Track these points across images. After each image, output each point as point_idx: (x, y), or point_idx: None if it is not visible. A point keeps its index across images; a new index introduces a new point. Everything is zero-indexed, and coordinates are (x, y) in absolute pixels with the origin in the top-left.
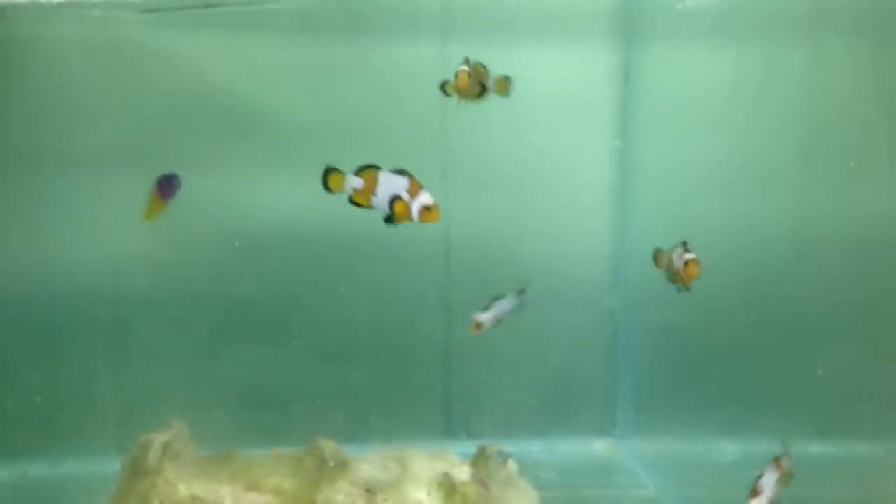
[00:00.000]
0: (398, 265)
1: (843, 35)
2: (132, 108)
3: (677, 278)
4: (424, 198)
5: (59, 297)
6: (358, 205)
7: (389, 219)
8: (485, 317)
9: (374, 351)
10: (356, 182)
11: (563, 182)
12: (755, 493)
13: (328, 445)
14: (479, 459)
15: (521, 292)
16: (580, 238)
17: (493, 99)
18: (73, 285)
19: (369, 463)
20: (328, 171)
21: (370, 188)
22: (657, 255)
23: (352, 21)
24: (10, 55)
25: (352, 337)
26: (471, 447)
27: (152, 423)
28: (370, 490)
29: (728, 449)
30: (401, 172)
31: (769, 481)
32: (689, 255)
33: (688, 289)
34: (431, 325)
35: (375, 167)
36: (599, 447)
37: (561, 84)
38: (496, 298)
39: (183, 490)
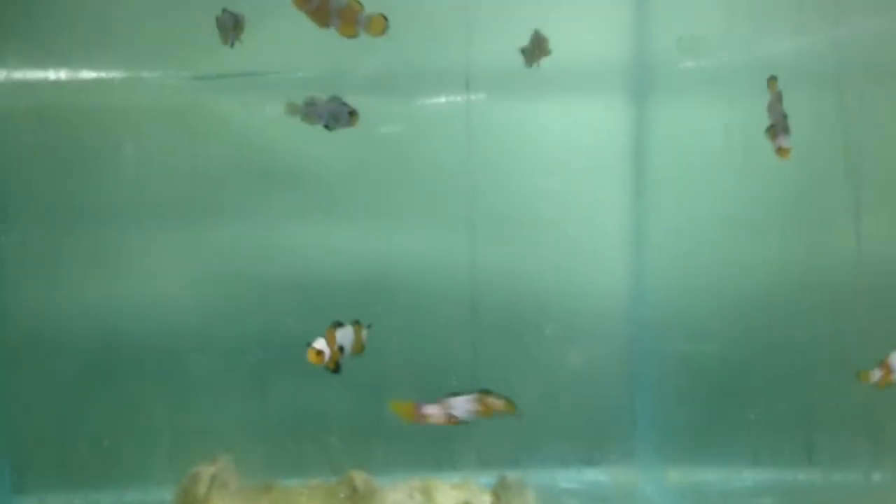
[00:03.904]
0: (427, 304)
1: (812, 90)
2: (185, 164)
3: None
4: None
5: (120, 338)
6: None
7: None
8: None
9: (406, 385)
10: None
11: (581, 225)
12: None
13: (359, 476)
14: (498, 489)
15: None
16: (599, 276)
17: (516, 149)
18: (132, 327)
19: (396, 492)
20: None
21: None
22: None
23: (381, 79)
24: (80, 122)
25: (385, 372)
26: (495, 477)
27: (202, 455)
28: None
29: (748, 477)
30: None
31: None
32: None
33: None
34: (458, 359)
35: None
36: (620, 476)
37: (579, 133)
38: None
39: None
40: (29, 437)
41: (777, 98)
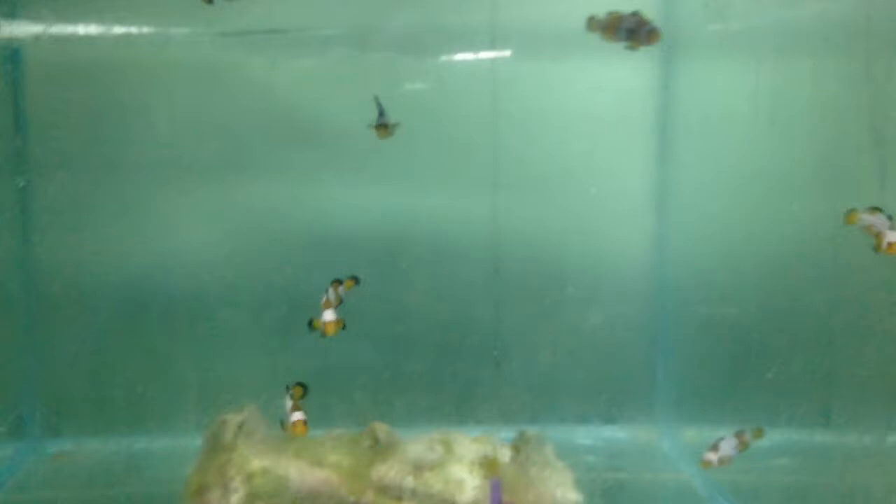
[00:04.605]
0: (451, 262)
1: (840, 55)
2: (213, 120)
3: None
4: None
5: (151, 290)
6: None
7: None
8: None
9: (428, 341)
10: None
11: (605, 185)
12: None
13: (381, 428)
14: (518, 443)
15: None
16: (621, 237)
17: (541, 109)
18: (163, 279)
19: (418, 444)
20: None
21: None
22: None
23: (407, 37)
24: (111, 77)
25: (408, 328)
26: (514, 432)
27: (229, 405)
28: (418, 468)
29: (765, 438)
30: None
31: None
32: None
33: None
34: (481, 317)
35: None
36: (640, 434)
37: (605, 94)
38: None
39: (255, 463)
40: (64, 384)
41: (870, 212)
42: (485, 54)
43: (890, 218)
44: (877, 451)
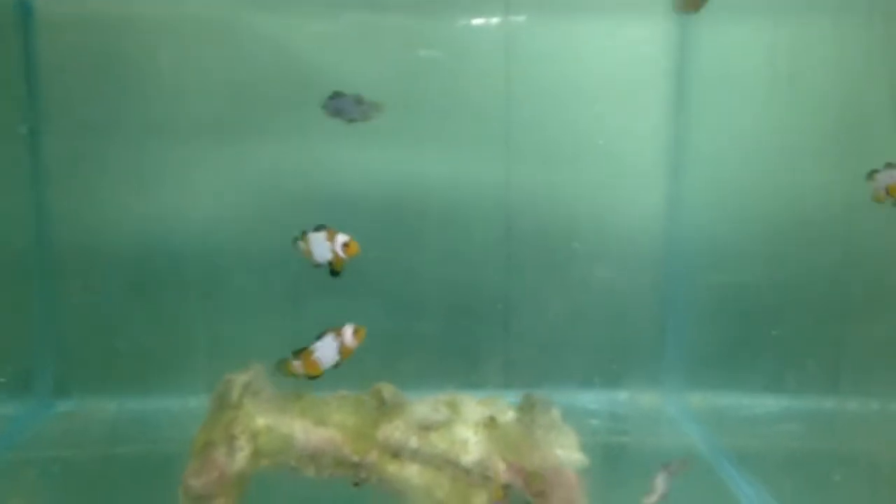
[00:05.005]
0: (463, 224)
1: (861, 19)
2: (226, 78)
3: None
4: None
5: (160, 251)
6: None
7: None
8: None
9: (440, 305)
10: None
11: (619, 150)
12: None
13: (387, 388)
14: (524, 405)
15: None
16: (635, 200)
17: (555, 71)
18: (173, 239)
19: (423, 405)
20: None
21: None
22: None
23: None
24: (123, 32)
25: (419, 292)
26: (522, 394)
27: (236, 364)
28: (423, 428)
29: (771, 403)
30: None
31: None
32: None
33: None
34: (492, 281)
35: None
36: (647, 399)
37: (620, 55)
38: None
39: (260, 422)
40: (72, 344)
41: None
42: (499, 17)
43: None
44: (883, 417)
